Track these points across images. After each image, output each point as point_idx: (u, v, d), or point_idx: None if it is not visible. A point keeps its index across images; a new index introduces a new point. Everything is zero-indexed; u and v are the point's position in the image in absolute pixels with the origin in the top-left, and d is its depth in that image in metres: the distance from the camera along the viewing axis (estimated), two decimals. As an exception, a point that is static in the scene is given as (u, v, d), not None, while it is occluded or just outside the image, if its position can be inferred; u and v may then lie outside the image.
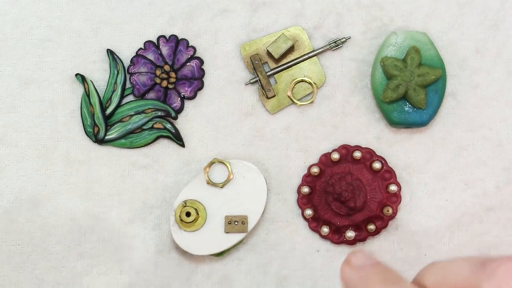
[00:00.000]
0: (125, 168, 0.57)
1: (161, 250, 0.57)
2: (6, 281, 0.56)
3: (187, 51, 0.57)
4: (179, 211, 0.55)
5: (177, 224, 0.55)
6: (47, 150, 0.57)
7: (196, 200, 0.55)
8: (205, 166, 0.56)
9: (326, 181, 0.56)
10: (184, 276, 0.57)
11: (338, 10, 0.58)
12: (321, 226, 0.56)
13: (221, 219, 0.55)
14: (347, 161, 0.56)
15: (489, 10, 0.58)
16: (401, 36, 0.56)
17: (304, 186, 0.56)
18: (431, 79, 0.55)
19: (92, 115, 0.56)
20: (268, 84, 0.57)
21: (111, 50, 0.57)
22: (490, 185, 0.58)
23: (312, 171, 0.56)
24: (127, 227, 0.57)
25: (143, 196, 0.57)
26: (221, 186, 0.55)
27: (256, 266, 0.57)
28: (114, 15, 0.57)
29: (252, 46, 0.57)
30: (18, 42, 0.57)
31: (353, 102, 0.58)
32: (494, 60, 0.58)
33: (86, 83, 0.56)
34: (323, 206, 0.56)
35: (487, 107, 0.58)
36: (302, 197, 0.57)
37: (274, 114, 0.58)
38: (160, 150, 0.57)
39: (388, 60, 0.55)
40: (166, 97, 0.57)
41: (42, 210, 0.56)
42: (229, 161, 0.56)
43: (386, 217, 0.56)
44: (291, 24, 0.58)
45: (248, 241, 0.57)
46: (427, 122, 0.56)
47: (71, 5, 0.57)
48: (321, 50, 0.57)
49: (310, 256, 0.57)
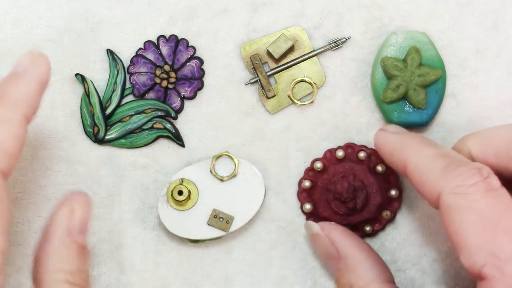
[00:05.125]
0: (125, 168, 0.57)
1: (161, 250, 0.57)
2: (7, 282, 0.56)
3: (187, 51, 0.57)
4: (173, 186, 0.55)
5: (166, 197, 0.55)
6: (47, 150, 0.57)
7: (193, 183, 0.55)
8: (214, 156, 0.56)
9: (329, 178, 0.56)
10: (184, 276, 0.57)
11: (338, 10, 0.58)
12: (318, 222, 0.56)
13: (208, 210, 0.55)
14: (351, 161, 0.56)
15: (489, 10, 0.58)
16: (401, 36, 0.56)
17: (305, 180, 0.56)
18: (431, 79, 0.55)
19: (92, 115, 0.56)
20: (268, 84, 0.57)
21: (111, 50, 0.57)
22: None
23: (316, 166, 0.56)
24: (127, 227, 0.57)
25: (143, 196, 0.57)
26: (222, 179, 0.55)
27: (256, 266, 0.57)
28: (114, 15, 0.57)
29: (252, 46, 0.57)
30: (18, 42, 0.57)
31: (353, 102, 0.58)
32: (494, 60, 0.58)
33: (86, 83, 0.56)
34: (322, 203, 0.56)
35: (487, 107, 0.58)
36: (302, 191, 0.56)
37: (274, 114, 0.58)
38: (160, 150, 0.57)
39: (388, 60, 0.55)
40: (166, 97, 0.57)
41: (42, 210, 0.56)
42: (238, 159, 0.56)
43: (384, 220, 0.56)
44: (291, 24, 0.58)
45: (248, 241, 0.57)
46: (427, 122, 0.56)
47: (71, 5, 0.57)
48: (321, 50, 0.57)
49: (310, 256, 0.57)
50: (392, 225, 0.57)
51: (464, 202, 0.44)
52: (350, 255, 0.52)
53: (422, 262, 0.57)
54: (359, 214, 0.56)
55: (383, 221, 0.56)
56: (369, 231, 0.56)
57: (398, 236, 0.57)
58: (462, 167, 0.45)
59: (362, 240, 0.53)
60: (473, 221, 0.43)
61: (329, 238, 0.53)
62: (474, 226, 0.43)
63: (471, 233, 0.43)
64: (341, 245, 0.52)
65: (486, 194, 0.44)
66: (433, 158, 0.47)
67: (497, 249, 0.42)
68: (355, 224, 0.56)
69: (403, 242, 0.57)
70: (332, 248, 0.52)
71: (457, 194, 0.44)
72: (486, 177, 0.44)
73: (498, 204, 0.43)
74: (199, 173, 0.56)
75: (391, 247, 0.57)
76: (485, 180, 0.44)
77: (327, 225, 0.54)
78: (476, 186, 0.44)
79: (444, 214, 0.45)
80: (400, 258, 0.57)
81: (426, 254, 0.57)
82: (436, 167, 0.46)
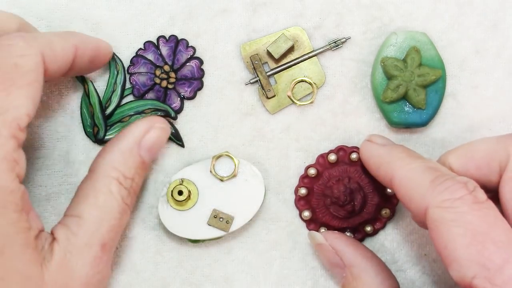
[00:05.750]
0: (125, 168, 0.57)
1: (161, 250, 0.57)
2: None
3: (187, 51, 0.57)
4: (173, 186, 0.55)
5: (166, 197, 0.55)
6: (47, 150, 0.57)
7: (193, 183, 0.55)
8: (214, 156, 0.56)
9: (324, 183, 0.56)
10: (184, 276, 0.57)
11: (338, 10, 0.58)
12: (319, 227, 0.56)
13: (208, 210, 0.55)
14: (344, 163, 0.56)
15: (489, 10, 0.58)
16: (401, 36, 0.56)
17: (301, 188, 0.56)
18: (431, 79, 0.55)
19: (92, 115, 0.56)
20: (268, 84, 0.57)
21: (110, 50, 0.57)
22: (490, 185, 0.58)
23: (309, 172, 0.56)
24: (127, 227, 0.57)
25: (143, 196, 0.57)
26: (222, 179, 0.55)
27: (256, 266, 0.57)
28: (114, 15, 0.57)
29: (252, 46, 0.57)
30: (18, 42, 0.57)
31: (353, 102, 0.58)
32: (494, 60, 0.58)
33: (85, 83, 0.56)
34: (321, 208, 0.56)
35: (487, 107, 0.58)
36: (299, 199, 0.57)
37: (274, 114, 0.58)
38: (160, 150, 0.57)
39: (388, 60, 0.55)
40: (165, 97, 0.57)
41: (42, 210, 0.56)
42: (238, 159, 0.56)
43: (383, 219, 0.56)
44: (291, 24, 0.58)
45: (248, 241, 0.57)
46: (427, 122, 0.56)
47: (71, 5, 0.57)
48: (321, 50, 0.57)
49: (310, 256, 0.57)
50: (393, 225, 0.57)
51: (452, 215, 0.44)
52: (354, 263, 0.52)
53: (422, 262, 0.57)
54: (358, 216, 0.56)
55: (383, 220, 0.56)
56: (370, 231, 0.56)
57: (398, 236, 0.57)
58: (449, 181, 0.45)
59: (366, 248, 0.53)
60: (461, 234, 0.43)
61: (332, 247, 0.53)
62: (462, 238, 0.43)
63: (459, 245, 0.43)
64: (344, 253, 0.52)
65: (473, 206, 0.44)
66: (420, 171, 0.47)
67: (487, 260, 0.42)
68: (355, 226, 0.56)
69: (403, 242, 0.57)
70: (336, 257, 0.53)
71: (444, 208, 0.44)
72: (472, 190, 0.44)
73: (486, 216, 0.43)
74: (199, 173, 0.56)
75: (391, 247, 0.57)
76: (472, 193, 0.44)
77: (330, 234, 0.54)
78: (463, 199, 0.44)
79: (432, 228, 0.44)
80: (400, 258, 0.57)
81: (426, 254, 0.57)
82: (423, 181, 0.46)
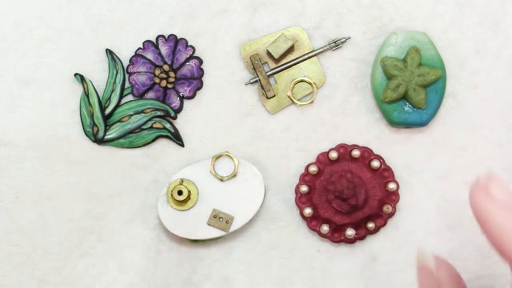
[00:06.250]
0: (125, 168, 0.57)
1: (161, 250, 0.57)
2: (7, 281, 0.56)
3: (186, 51, 0.57)
4: (173, 186, 0.55)
5: (166, 197, 0.55)
6: (47, 150, 0.57)
7: (193, 183, 0.55)
8: (214, 156, 0.56)
9: (326, 179, 0.56)
10: (184, 276, 0.57)
11: (338, 10, 0.58)
12: (320, 224, 0.56)
13: (208, 210, 0.55)
14: (345, 160, 0.56)
15: (489, 10, 0.58)
16: (401, 36, 0.56)
17: (302, 185, 0.56)
18: (431, 79, 0.55)
19: (92, 115, 0.56)
20: (268, 84, 0.57)
21: (110, 50, 0.57)
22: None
23: (310, 170, 0.56)
24: (127, 227, 0.57)
25: (143, 196, 0.57)
26: (222, 179, 0.55)
27: (256, 266, 0.57)
28: (114, 15, 0.57)
29: (252, 46, 0.57)
30: (18, 42, 0.57)
31: (353, 102, 0.58)
32: (494, 60, 0.58)
33: (85, 83, 0.56)
34: (323, 204, 0.56)
35: (487, 107, 0.57)
36: (300, 196, 0.56)
37: (274, 114, 0.58)
38: (160, 150, 0.57)
39: (388, 60, 0.55)
40: (165, 97, 0.57)
41: (42, 210, 0.57)
42: (238, 159, 0.56)
43: (385, 215, 0.56)
44: (291, 24, 0.58)
45: (248, 241, 0.57)
46: (427, 122, 0.56)
47: (71, 5, 0.57)
48: (321, 50, 0.57)
49: (310, 256, 0.57)
50: (393, 225, 0.57)
51: None
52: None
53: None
54: (361, 211, 0.56)
55: (384, 216, 0.56)
56: (371, 228, 0.56)
57: (398, 236, 0.57)
58: None
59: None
60: None
61: (437, 280, 0.43)
62: None
63: None
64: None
65: None
66: None
67: None
68: (358, 221, 0.56)
69: (403, 242, 0.57)
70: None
71: None
72: None
73: None
74: (199, 173, 0.56)
75: (391, 247, 0.57)
76: None
77: (443, 263, 0.43)
78: None
79: None
80: (400, 258, 0.57)
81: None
82: None
